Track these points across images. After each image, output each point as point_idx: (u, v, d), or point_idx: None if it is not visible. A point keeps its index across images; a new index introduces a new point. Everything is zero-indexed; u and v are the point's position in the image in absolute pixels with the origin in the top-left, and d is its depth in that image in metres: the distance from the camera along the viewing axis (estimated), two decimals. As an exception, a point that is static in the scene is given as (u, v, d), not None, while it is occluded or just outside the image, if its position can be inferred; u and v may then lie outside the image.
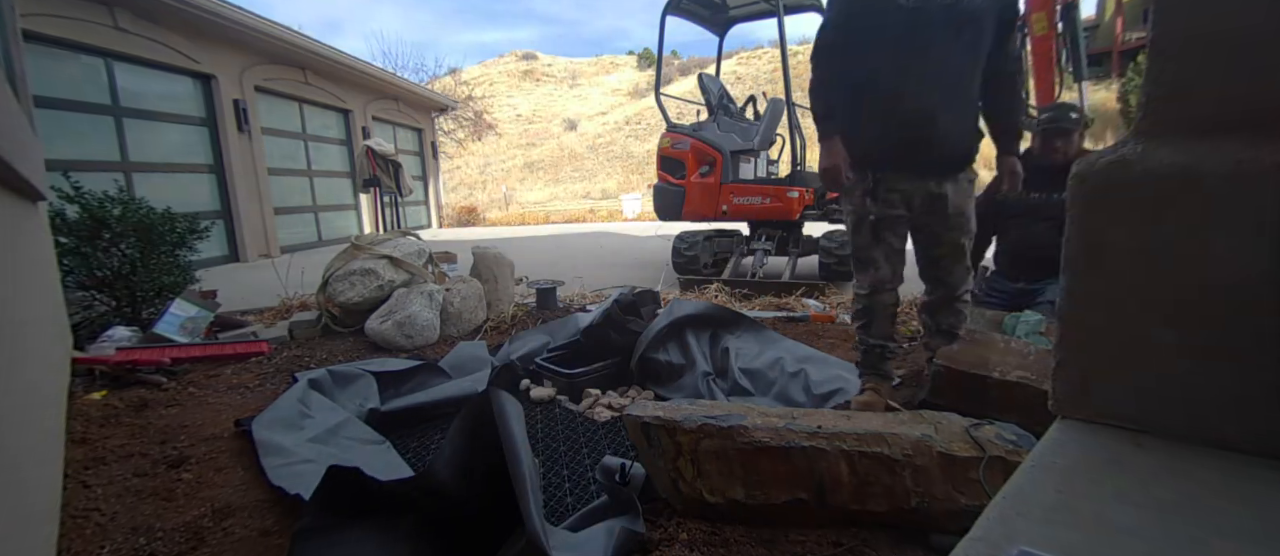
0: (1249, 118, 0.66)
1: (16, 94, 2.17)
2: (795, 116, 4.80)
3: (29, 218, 1.77)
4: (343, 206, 9.53)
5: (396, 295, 3.05)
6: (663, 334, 2.25)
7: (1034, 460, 0.70)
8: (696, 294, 3.97)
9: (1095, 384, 0.76)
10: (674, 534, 1.23)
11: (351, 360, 2.65)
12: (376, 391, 2.14)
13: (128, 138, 5.85)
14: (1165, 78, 0.71)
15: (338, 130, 9.59)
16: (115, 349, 2.53)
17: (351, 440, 1.74)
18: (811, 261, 4.76)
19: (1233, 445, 0.67)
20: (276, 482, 1.47)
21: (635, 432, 1.35)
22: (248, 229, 7.06)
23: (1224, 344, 0.67)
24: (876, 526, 1.24)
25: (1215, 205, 0.66)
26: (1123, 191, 0.72)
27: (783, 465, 1.24)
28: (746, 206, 4.68)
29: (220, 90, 6.81)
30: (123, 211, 3.03)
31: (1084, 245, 0.75)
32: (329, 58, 8.42)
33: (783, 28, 4.76)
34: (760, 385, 2.14)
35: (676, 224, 5.12)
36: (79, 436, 1.84)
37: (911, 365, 2.30)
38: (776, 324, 3.01)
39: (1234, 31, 0.66)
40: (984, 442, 1.26)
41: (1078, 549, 0.55)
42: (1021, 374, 1.60)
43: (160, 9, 5.83)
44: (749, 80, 25.97)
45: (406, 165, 8.80)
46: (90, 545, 1.30)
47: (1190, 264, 0.68)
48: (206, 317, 3.06)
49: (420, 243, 3.52)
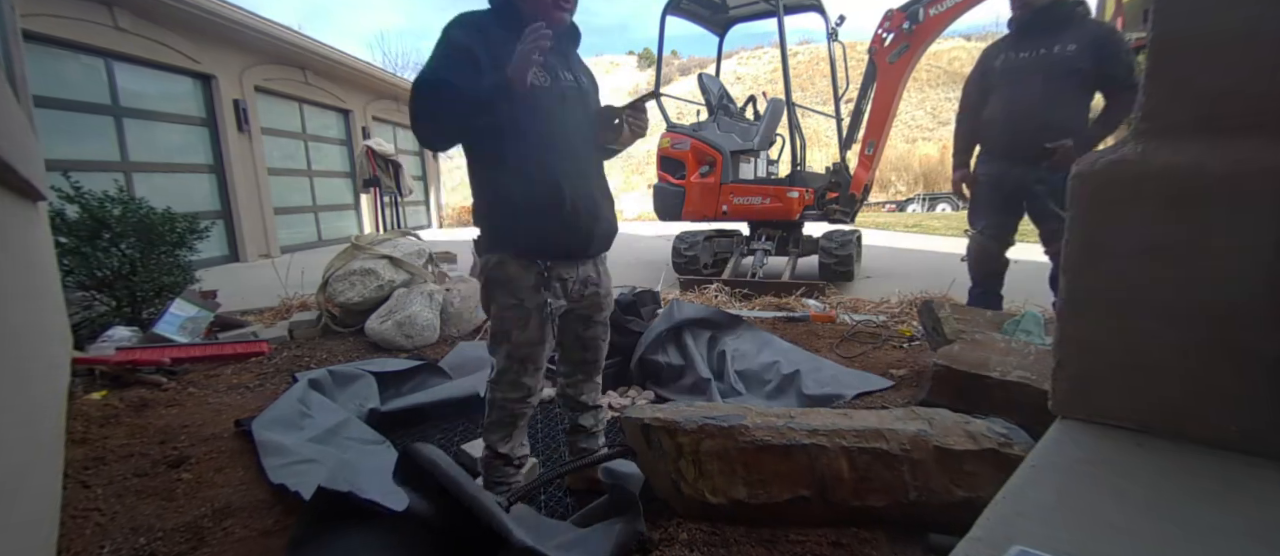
0: (1249, 118, 0.66)
1: (16, 94, 2.17)
2: (795, 116, 4.80)
3: (29, 218, 1.77)
4: (343, 206, 9.53)
5: (396, 295, 3.05)
6: (663, 336, 2.26)
7: (1034, 460, 0.70)
8: (696, 294, 3.97)
9: (1095, 384, 0.76)
10: (674, 534, 1.23)
11: (351, 360, 2.65)
12: (376, 391, 2.14)
13: (128, 138, 5.85)
14: (1165, 77, 0.71)
15: (338, 130, 9.59)
16: (115, 349, 2.53)
17: (351, 440, 1.74)
18: (811, 261, 4.76)
19: (1232, 445, 0.67)
20: (277, 481, 1.47)
21: (634, 435, 1.35)
22: (248, 229, 7.06)
23: (1224, 343, 0.67)
24: (876, 523, 1.24)
25: (1215, 205, 0.66)
26: (1123, 191, 0.72)
27: (784, 463, 1.24)
28: (746, 206, 4.68)
29: (220, 90, 6.81)
30: (123, 211, 3.03)
31: (1084, 245, 0.75)
32: (329, 58, 8.42)
33: (783, 28, 4.76)
34: (755, 387, 2.14)
35: (676, 224, 5.12)
36: (79, 436, 1.84)
37: (912, 365, 2.31)
38: (776, 324, 3.01)
39: (1234, 32, 0.66)
40: (976, 435, 1.27)
41: (1077, 549, 0.55)
42: (1021, 374, 1.60)
43: (160, 9, 5.83)
44: (749, 80, 25.96)
45: (406, 165, 8.80)
46: (90, 545, 1.30)
47: (1190, 263, 0.68)
48: (206, 318, 3.06)
49: (420, 243, 3.52)
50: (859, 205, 4.86)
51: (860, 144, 4.66)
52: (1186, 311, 0.69)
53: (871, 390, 2.05)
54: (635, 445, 1.37)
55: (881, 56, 4.30)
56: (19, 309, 1.32)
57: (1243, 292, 0.65)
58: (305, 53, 8.00)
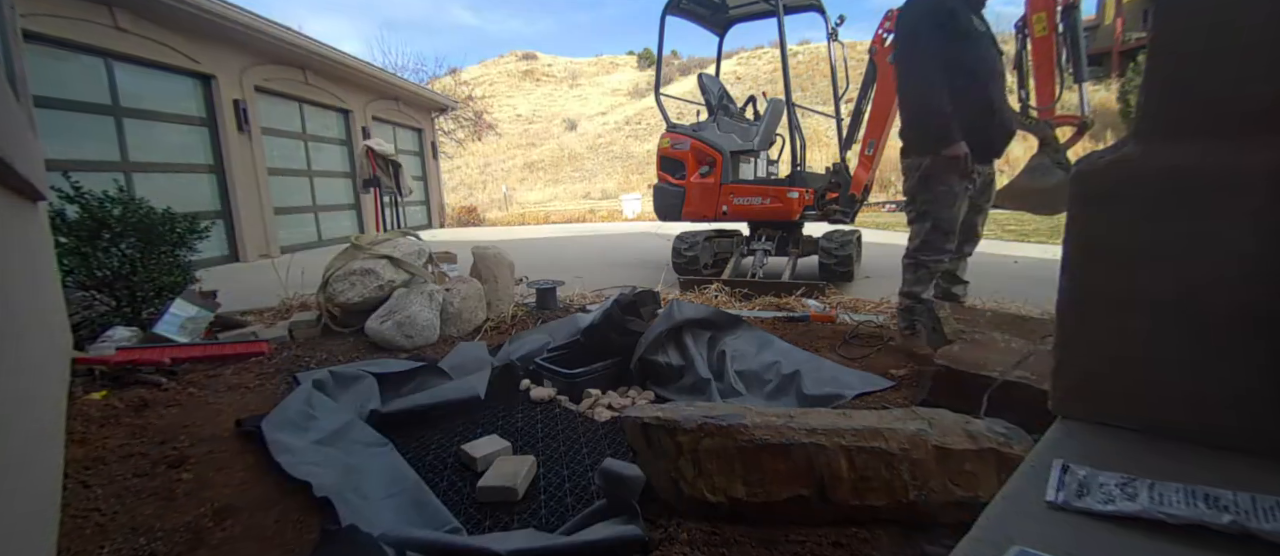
0: (1248, 118, 0.66)
1: (16, 94, 2.17)
2: (795, 116, 4.80)
3: (29, 218, 1.77)
4: (343, 206, 9.53)
5: (396, 295, 3.05)
6: (663, 336, 2.26)
7: (1034, 460, 0.70)
8: (696, 294, 3.97)
9: (1095, 384, 0.76)
10: (674, 534, 1.23)
11: (352, 360, 2.65)
12: (377, 392, 2.15)
13: (128, 138, 5.85)
14: (1165, 78, 0.71)
15: (338, 130, 9.59)
16: (115, 349, 2.53)
17: (356, 443, 1.74)
18: (811, 261, 4.76)
19: (1232, 444, 0.67)
20: (296, 475, 1.50)
21: (635, 434, 1.36)
22: (248, 229, 7.06)
23: (1223, 343, 0.67)
24: (876, 523, 1.24)
25: (1214, 204, 0.66)
26: (1122, 191, 0.72)
27: (783, 462, 1.24)
28: (746, 207, 4.68)
29: (220, 90, 6.81)
30: (123, 211, 3.03)
31: (1084, 244, 0.75)
32: (329, 58, 8.42)
33: (783, 28, 4.76)
34: (755, 387, 2.14)
35: (676, 224, 5.12)
36: (79, 436, 1.84)
37: (912, 365, 2.30)
38: (776, 324, 3.01)
39: (1233, 32, 0.66)
40: (976, 435, 1.27)
41: (1077, 549, 0.55)
42: (1021, 374, 1.60)
43: (160, 9, 5.83)
44: (749, 80, 25.98)
45: (406, 165, 8.79)
46: (90, 545, 1.30)
47: (1190, 263, 0.68)
48: (206, 317, 3.06)
49: (420, 243, 3.52)
50: (859, 205, 4.86)
51: (860, 144, 4.66)
52: (1186, 311, 0.69)
53: (871, 390, 2.05)
54: (635, 444, 1.37)
55: (882, 56, 4.29)
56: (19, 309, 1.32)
57: (1242, 292, 0.65)
58: (305, 53, 8.00)
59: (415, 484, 1.49)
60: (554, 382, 2.22)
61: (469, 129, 21.00)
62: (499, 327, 3.22)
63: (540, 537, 1.23)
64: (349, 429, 1.81)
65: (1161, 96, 0.72)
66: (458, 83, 25.52)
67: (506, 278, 3.53)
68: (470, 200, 17.29)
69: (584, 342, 2.38)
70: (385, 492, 1.46)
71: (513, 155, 27.66)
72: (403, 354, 2.76)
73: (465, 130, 20.77)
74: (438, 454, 1.73)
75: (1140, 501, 0.58)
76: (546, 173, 25.02)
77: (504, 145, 28.67)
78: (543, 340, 2.59)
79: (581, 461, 1.66)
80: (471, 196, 19.05)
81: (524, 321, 3.35)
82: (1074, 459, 0.67)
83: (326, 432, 1.76)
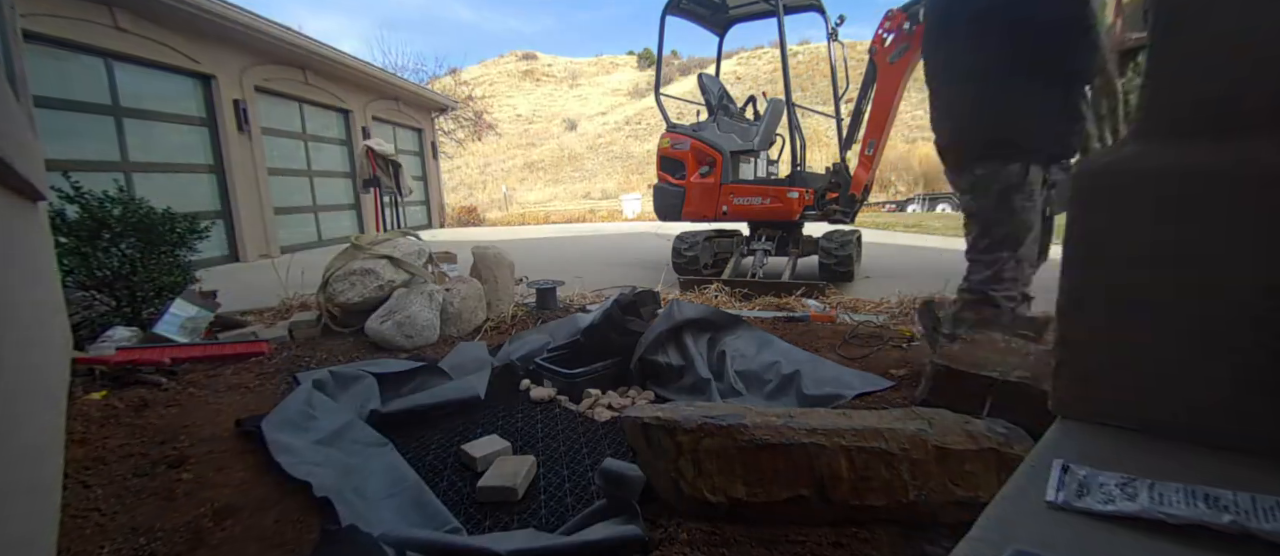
0: (1248, 117, 0.66)
1: (16, 94, 2.17)
2: (795, 116, 4.80)
3: (29, 218, 1.77)
4: (343, 206, 9.53)
5: (396, 295, 3.05)
6: (663, 336, 2.26)
7: (1033, 460, 0.70)
8: (696, 294, 3.97)
9: (1095, 384, 0.76)
10: (674, 534, 1.23)
11: (352, 360, 2.65)
12: (377, 392, 2.15)
13: (128, 138, 5.85)
14: (1165, 77, 0.71)
15: (338, 130, 9.59)
16: (115, 349, 2.53)
17: (356, 443, 1.74)
18: (811, 261, 4.76)
19: (1232, 444, 0.67)
20: (296, 475, 1.50)
21: (634, 434, 1.35)
22: (248, 229, 7.06)
23: (1223, 343, 0.67)
24: (876, 523, 1.24)
25: (1214, 204, 0.66)
26: (1122, 191, 0.72)
27: (783, 462, 1.24)
28: (746, 207, 4.68)
29: (220, 90, 6.81)
30: (123, 211, 3.03)
31: (1084, 245, 0.75)
32: (329, 58, 8.42)
33: (783, 28, 4.76)
34: (755, 387, 2.14)
35: (676, 224, 5.12)
36: (79, 436, 1.84)
37: (912, 365, 2.30)
38: (776, 324, 3.01)
39: (1233, 32, 0.66)
40: (976, 435, 1.27)
41: (1077, 549, 0.55)
42: (1021, 374, 1.60)
43: (160, 9, 5.83)
44: (749, 80, 25.99)
45: (406, 165, 8.79)
46: (90, 545, 1.30)
47: (1190, 263, 0.68)
48: (206, 317, 3.06)
49: (420, 243, 3.52)
50: (859, 205, 4.86)
51: (860, 144, 4.66)
52: (1186, 311, 0.69)
53: (871, 390, 2.05)
54: (635, 444, 1.37)
55: (882, 56, 4.30)
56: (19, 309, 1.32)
57: (1243, 292, 0.65)
58: (305, 53, 8.00)
59: (415, 484, 1.49)
60: (554, 382, 2.22)
61: (469, 129, 21.00)
62: (499, 327, 3.22)
63: (540, 537, 1.23)
64: (349, 429, 1.81)
65: (1161, 96, 0.72)
66: (458, 83, 25.53)
67: (506, 278, 3.54)
68: (470, 200, 17.31)
69: (584, 343, 2.38)
70: (385, 492, 1.46)
71: (513, 155, 27.67)
72: (403, 354, 2.76)
73: (465, 130, 20.78)
74: (438, 454, 1.73)
75: (1140, 501, 0.58)
76: (546, 173, 25.04)
77: (504, 145, 28.69)
78: (543, 340, 2.59)
79: (581, 461, 1.66)
80: (471, 196, 19.07)
81: (524, 321, 3.35)
82: (1074, 459, 0.67)
83: (326, 432, 1.76)
